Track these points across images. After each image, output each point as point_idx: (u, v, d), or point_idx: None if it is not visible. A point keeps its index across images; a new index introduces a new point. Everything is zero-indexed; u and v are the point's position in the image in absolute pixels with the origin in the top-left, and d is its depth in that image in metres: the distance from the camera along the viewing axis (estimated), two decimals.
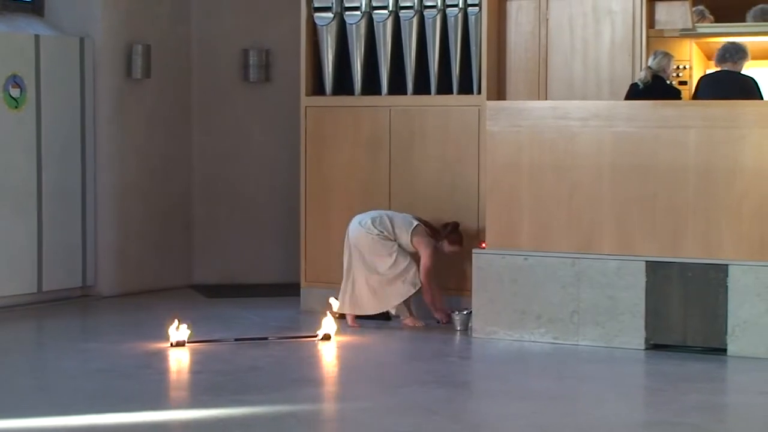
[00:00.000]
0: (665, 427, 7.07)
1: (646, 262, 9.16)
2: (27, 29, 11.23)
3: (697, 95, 9.67)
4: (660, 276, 9.12)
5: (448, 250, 10.18)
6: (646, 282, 9.15)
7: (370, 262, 10.05)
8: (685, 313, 9.07)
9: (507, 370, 8.71)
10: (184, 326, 9.21)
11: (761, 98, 9.50)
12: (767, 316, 8.84)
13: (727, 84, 9.44)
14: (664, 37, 10.18)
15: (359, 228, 10.08)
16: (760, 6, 9.94)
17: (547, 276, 9.43)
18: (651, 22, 10.21)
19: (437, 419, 7.20)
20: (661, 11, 10.22)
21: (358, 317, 10.20)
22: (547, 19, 10.41)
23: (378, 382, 8.43)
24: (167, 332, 9.20)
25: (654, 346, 9.17)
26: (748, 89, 9.41)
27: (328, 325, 9.55)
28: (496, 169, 9.69)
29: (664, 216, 9.16)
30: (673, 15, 10.16)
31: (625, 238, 9.26)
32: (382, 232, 10.02)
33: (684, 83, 10.16)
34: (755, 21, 10.03)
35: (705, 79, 9.79)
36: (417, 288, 10.07)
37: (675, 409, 7.45)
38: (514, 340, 9.51)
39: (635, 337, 9.18)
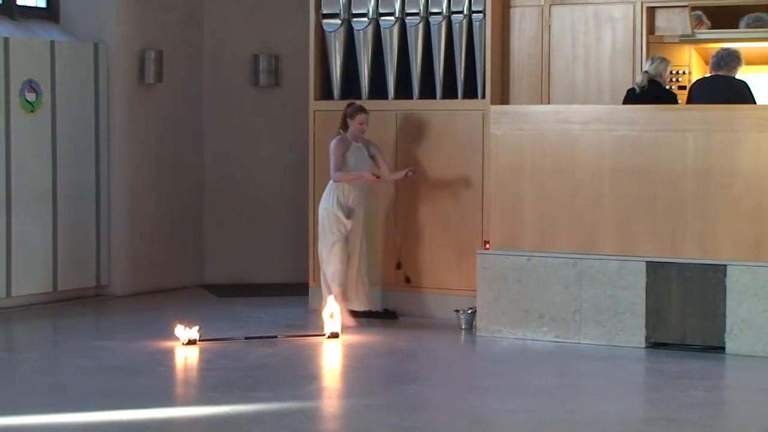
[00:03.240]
0: (664, 423, 7.15)
1: (647, 262, 9.23)
2: (43, 35, 11.33)
3: (690, 100, 9.70)
4: (660, 276, 9.20)
5: (357, 125, 10.15)
6: (646, 282, 9.23)
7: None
8: (684, 313, 9.14)
9: (510, 367, 8.81)
10: (192, 329, 9.31)
11: (754, 102, 9.53)
12: (764, 314, 8.92)
13: (720, 88, 9.47)
14: (664, 43, 10.21)
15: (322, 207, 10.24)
16: (754, 14, 9.96)
17: (549, 276, 9.51)
18: (651, 29, 10.25)
19: (442, 415, 7.30)
20: (661, 18, 10.27)
21: (361, 316, 10.30)
22: (549, 26, 10.48)
23: (383, 379, 8.54)
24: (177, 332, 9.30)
25: (654, 344, 9.24)
26: (740, 93, 9.43)
27: (335, 323, 9.64)
28: (499, 172, 9.79)
29: (663, 217, 9.24)
30: (673, 21, 10.20)
31: (626, 238, 9.34)
32: (328, 201, 10.15)
33: (683, 88, 10.16)
34: (749, 28, 10.00)
35: (698, 84, 9.80)
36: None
37: (674, 406, 7.54)
38: (517, 339, 9.59)
39: (635, 336, 9.26)
